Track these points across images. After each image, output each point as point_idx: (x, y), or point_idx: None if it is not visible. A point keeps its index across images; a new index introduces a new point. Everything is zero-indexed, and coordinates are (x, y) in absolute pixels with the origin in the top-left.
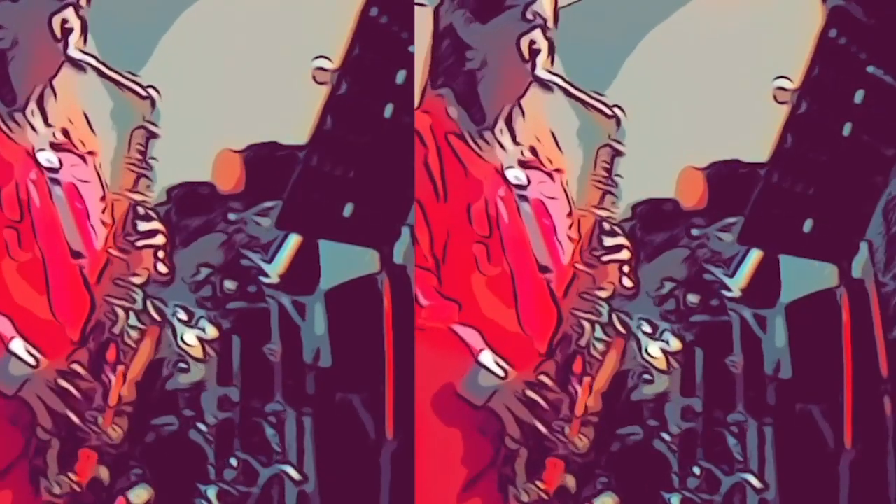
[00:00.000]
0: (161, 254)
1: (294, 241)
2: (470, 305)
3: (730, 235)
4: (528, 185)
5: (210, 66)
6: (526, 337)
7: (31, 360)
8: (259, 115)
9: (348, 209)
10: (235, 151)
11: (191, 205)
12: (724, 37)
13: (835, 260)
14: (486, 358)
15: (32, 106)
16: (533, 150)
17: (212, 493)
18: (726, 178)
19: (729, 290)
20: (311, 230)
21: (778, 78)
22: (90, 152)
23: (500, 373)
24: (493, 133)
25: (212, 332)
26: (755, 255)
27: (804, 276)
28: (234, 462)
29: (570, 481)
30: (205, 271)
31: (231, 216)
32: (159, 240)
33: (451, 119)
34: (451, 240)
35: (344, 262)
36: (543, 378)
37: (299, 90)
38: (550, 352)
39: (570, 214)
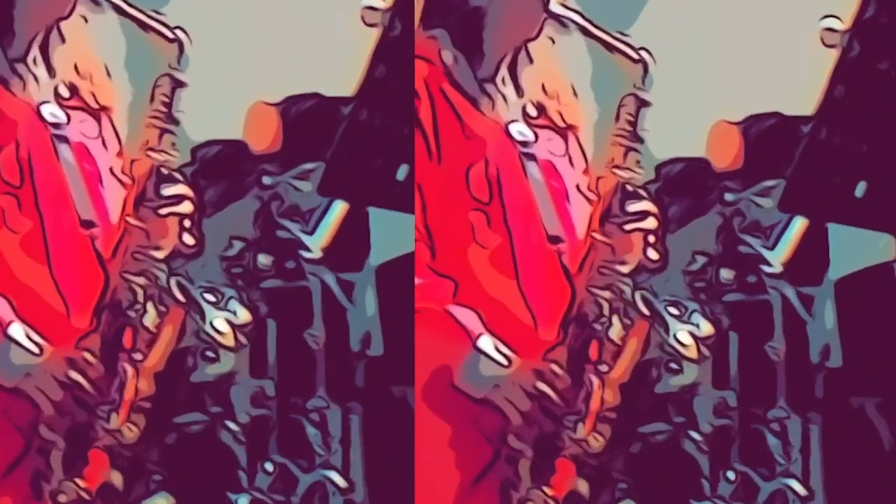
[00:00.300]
0: (188, 223)
1: (339, 209)
2: (468, 283)
3: (769, 201)
4: (534, 142)
5: (243, 4)
6: (532, 319)
7: (34, 348)
8: (299, 62)
9: (402, 172)
10: (271, 104)
11: (219, 167)
12: None
13: (892, 229)
14: (486, 343)
15: (35, 52)
16: (540, 106)
17: (243, 502)
18: (765, 135)
19: (769, 264)
20: (359, 196)
21: (825, 17)
22: (104, 108)
23: (503, 360)
24: (495, 83)
25: (244, 315)
26: (799, 224)
27: (856, 249)
28: (269, 467)
29: (583, 486)
30: (237, 244)
31: (266, 180)
32: (186, 207)
33: (446, 66)
34: (446, 207)
35: (394, 233)
36: (553, 367)
37: (346, 34)
38: (562, 336)
39: (585, 171)
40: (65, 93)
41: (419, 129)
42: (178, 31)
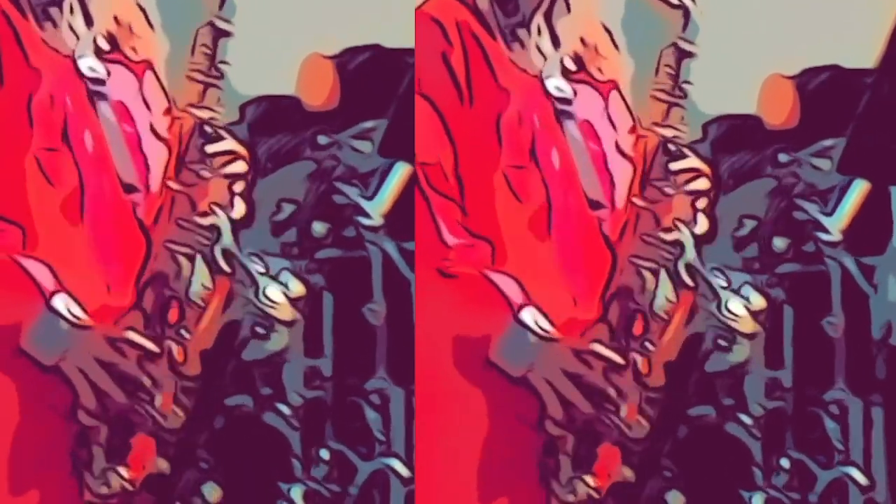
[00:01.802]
0: (239, 186)
1: (402, 171)
2: (502, 247)
3: (827, 162)
4: (573, 100)
5: None
6: (570, 291)
7: (75, 321)
8: (356, 10)
9: None
10: (326, 57)
11: (270, 124)
12: None
13: None
14: (528, 316)
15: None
16: (579, 59)
17: (296, 493)
18: (822, 90)
19: (827, 232)
20: None
21: None
22: (145, 61)
23: (543, 334)
24: (528, 31)
25: (297, 288)
26: (860, 188)
27: None
28: (325, 454)
29: (629, 473)
30: (288, 208)
31: (321, 139)
32: (238, 167)
33: (480, 11)
34: (478, 162)
35: None
36: (594, 345)
37: None
38: (603, 311)
39: (632, 130)
40: (104, 45)
41: (450, 75)
42: None
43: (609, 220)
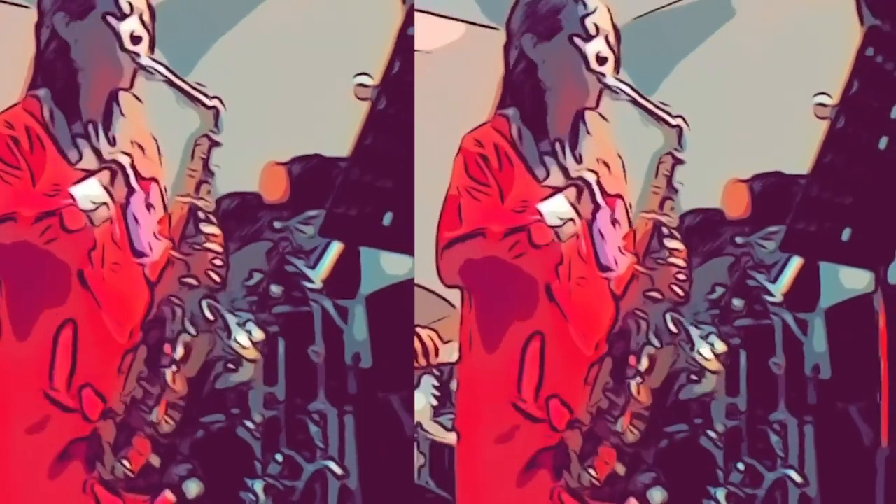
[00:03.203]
0: (218, 261)
1: (336, 248)
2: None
3: (772, 243)
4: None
5: (255, 84)
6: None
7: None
8: (303, 129)
9: (387, 218)
10: (281, 164)
11: (239, 214)
12: (765, 55)
13: (871, 267)
14: None
15: (98, 129)
16: (596, 174)
17: (258, 487)
18: (769, 190)
19: (771, 294)
20: (353, 238)
21: (818, 94)
22: (152, 178)
23: None
24: (555, 157)
25: (258, 334)
26: (796, 262)
27: (842, 282)
28: (279, 458)
29: (620, 469)
30: (257, 276)
31: (276, 224)
32: (217, 244)
33: (512, 138)
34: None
35: (383, 267)
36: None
37: (341, 105)
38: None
39: (626, 235)
40: (121, 165)
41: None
42: (215, 100)
43: (615, 281)
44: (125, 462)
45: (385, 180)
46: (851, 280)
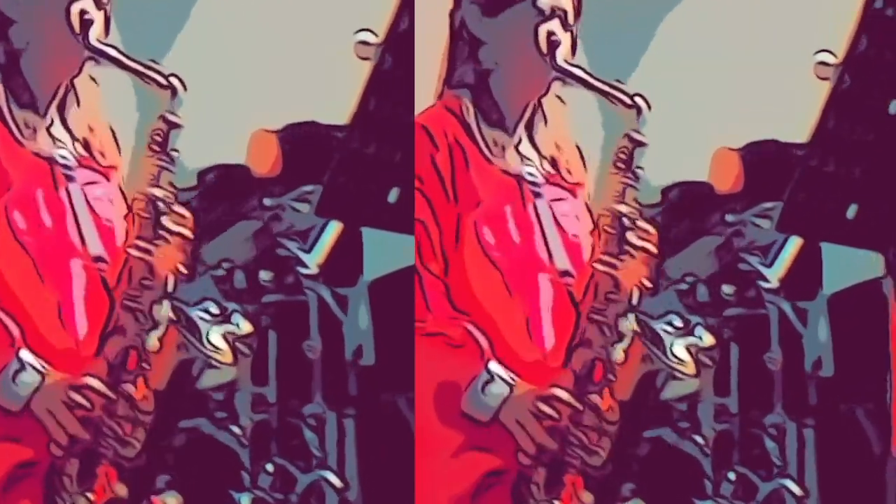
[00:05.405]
0: (186, 251)
1: (335, 228)
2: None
3: (767, 222)
4: (545, 195)
5: (245, 41)
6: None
7: (41, 370)
8: (297, 92)
9: (393, 195)
10: (271, 132)
11: (224, 189)
12: (762, 9)
13: (881, 248)
14: (496, 367)
15: (52, 112)
16: (553, 162)
17: (246, 500)
18: (763, 160)
19: (767, 280)
20: (354, 217)
21: (819, 52)
22: (111, 166)
23: (510, 383)
24: (511, 139)
25: (246, 327)
26: (795, 243)
27: (847, 266)
28: (270, 468)
29: (588, 498)
30: (235, 262)
31: (267, 201)
32: (185, 234)
33: (466, 122)
34: (461, 245)
35: (387, 251)
36: (557, 391)
37: (340, 66)
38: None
39: (592, 232)
40: (81, 151)
41: (437, 173)
42: (171, 79)
43: (575, 284)
44: (89, 495)
45: (390, 151)
46: (858, 263)
